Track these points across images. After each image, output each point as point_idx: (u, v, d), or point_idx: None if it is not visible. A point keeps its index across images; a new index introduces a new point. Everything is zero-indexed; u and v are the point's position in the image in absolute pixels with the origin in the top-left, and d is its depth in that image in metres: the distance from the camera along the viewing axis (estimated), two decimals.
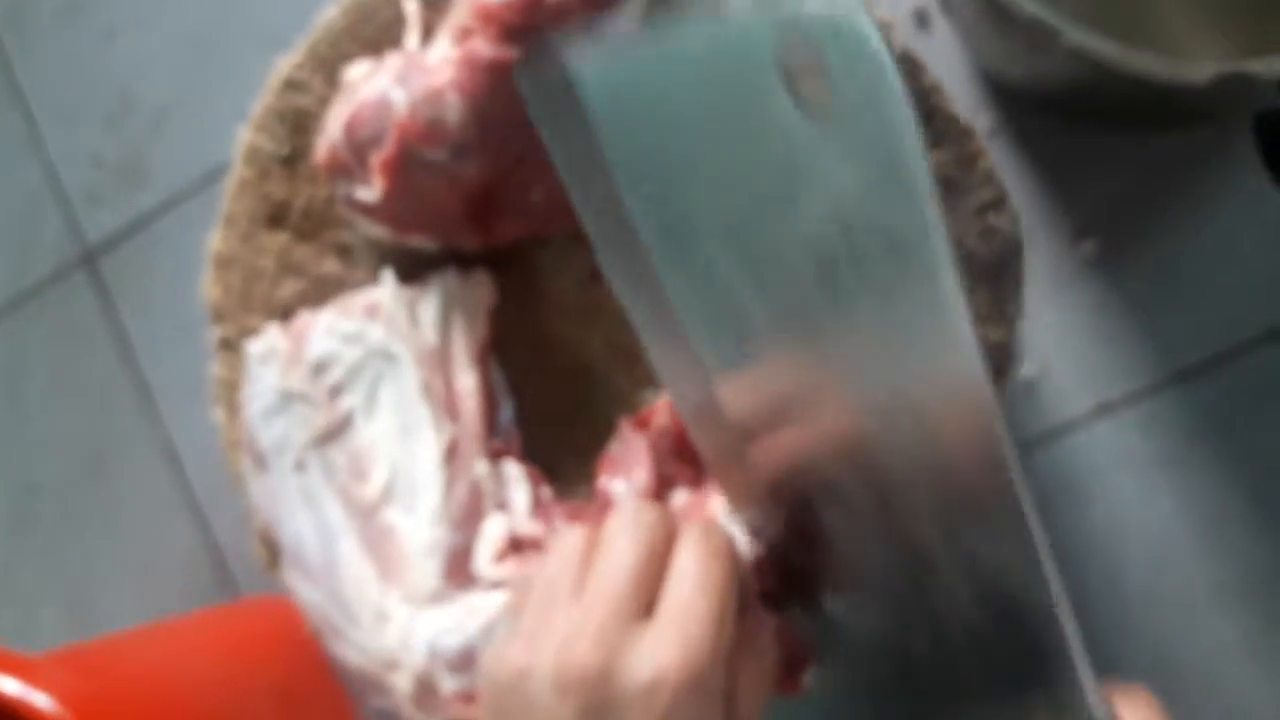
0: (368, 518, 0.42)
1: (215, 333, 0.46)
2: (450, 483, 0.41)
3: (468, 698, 0.39)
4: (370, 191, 0.42)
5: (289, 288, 0.46)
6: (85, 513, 0.78)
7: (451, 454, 0.41)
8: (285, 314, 0.46)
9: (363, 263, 0.46)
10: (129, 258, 0.77)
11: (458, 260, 0.44)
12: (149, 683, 0.59)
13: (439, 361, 0.42)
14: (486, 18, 0.38)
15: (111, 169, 0.78)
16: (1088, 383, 0.63)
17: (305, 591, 0.43)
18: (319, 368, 0.42)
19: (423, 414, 0.41)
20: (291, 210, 0.46)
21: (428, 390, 0.42)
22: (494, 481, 0.42)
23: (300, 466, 0.42)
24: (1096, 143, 0.62)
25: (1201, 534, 0.62)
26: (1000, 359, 0.42)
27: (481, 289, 0.44)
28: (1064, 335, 0.63)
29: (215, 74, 0.76)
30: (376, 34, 0.45)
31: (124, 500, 0.77)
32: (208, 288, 0.46)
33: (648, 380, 0.44)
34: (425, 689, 0.39)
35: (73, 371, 0.78)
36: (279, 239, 0.46)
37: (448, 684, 0.39)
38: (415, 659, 0.40)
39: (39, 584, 0.79)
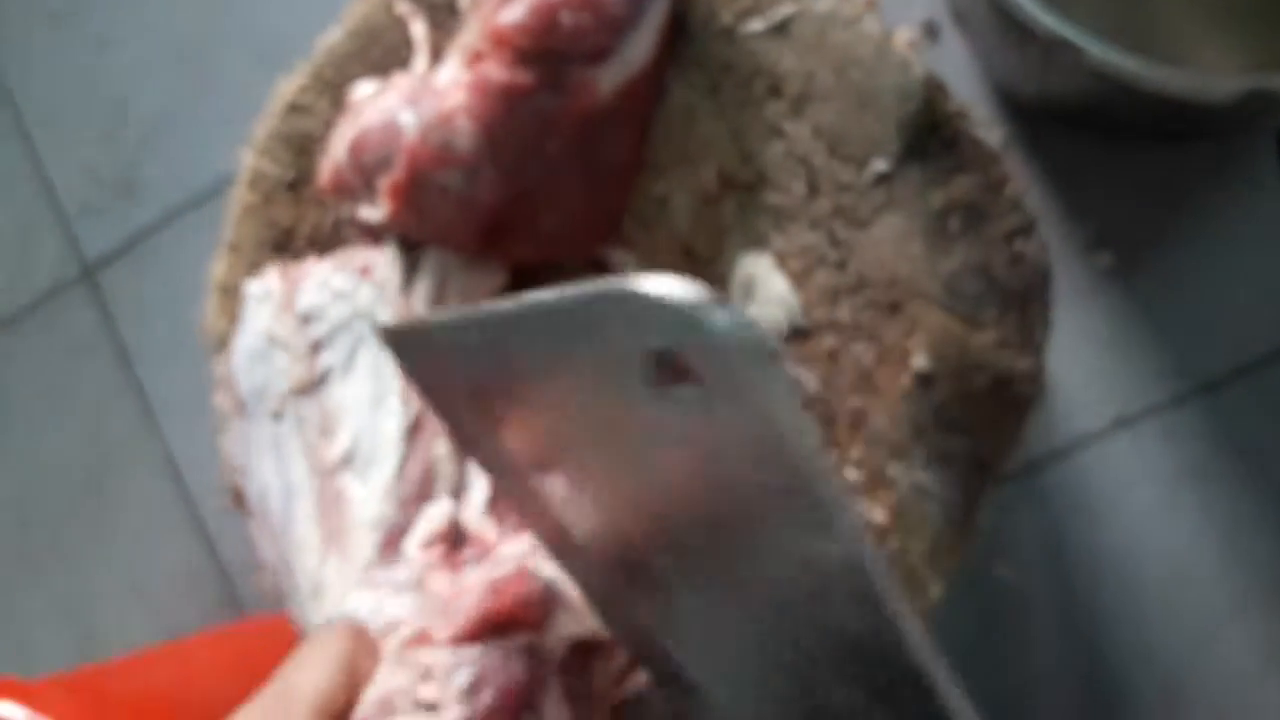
0: (325, 479, 0.40)
1: (219, 364, 0.45)
2: (407, 459, 0.40)
3: None
4: (375, 213, 0.41)
5: None
6: (84, 532, 0.77)
7: (415, 431, 0.40)
8: None
9: None
10: (128, 271, 0.77)
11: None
12: (155, 706, 0.59)
13: None
14: (500, 41, 0.37)
15: (107, 182, 0.77)
16: (1105, 397, 0.63)
17: (264, 548, 0.42)
18: (305, 319, 0.41)
19: (394, 385, 0.40)
20: (297, 236, 0.45)
21: None
22: (453, 466, 0.40)
23: (277, 416, 0.41)
24: (1111, 154, 0.62)
25: (1221, 550, 0.61)
26: (1028, 388, 0.41)
27: (488, 275, 0.42)
28: (1080, 348, 0.63)
29: (209, 85, 0.75)
30: (382, 56, 0.44)
31: (125, 519, 0.76)
32: (212, 318, 0.45)
33: None
34: None
35: (72, 388, 0.78)
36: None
37: None
38: None
39: (36, 605, 0.78)
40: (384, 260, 0.41)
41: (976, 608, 0.63)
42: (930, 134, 0.40)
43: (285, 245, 0.45)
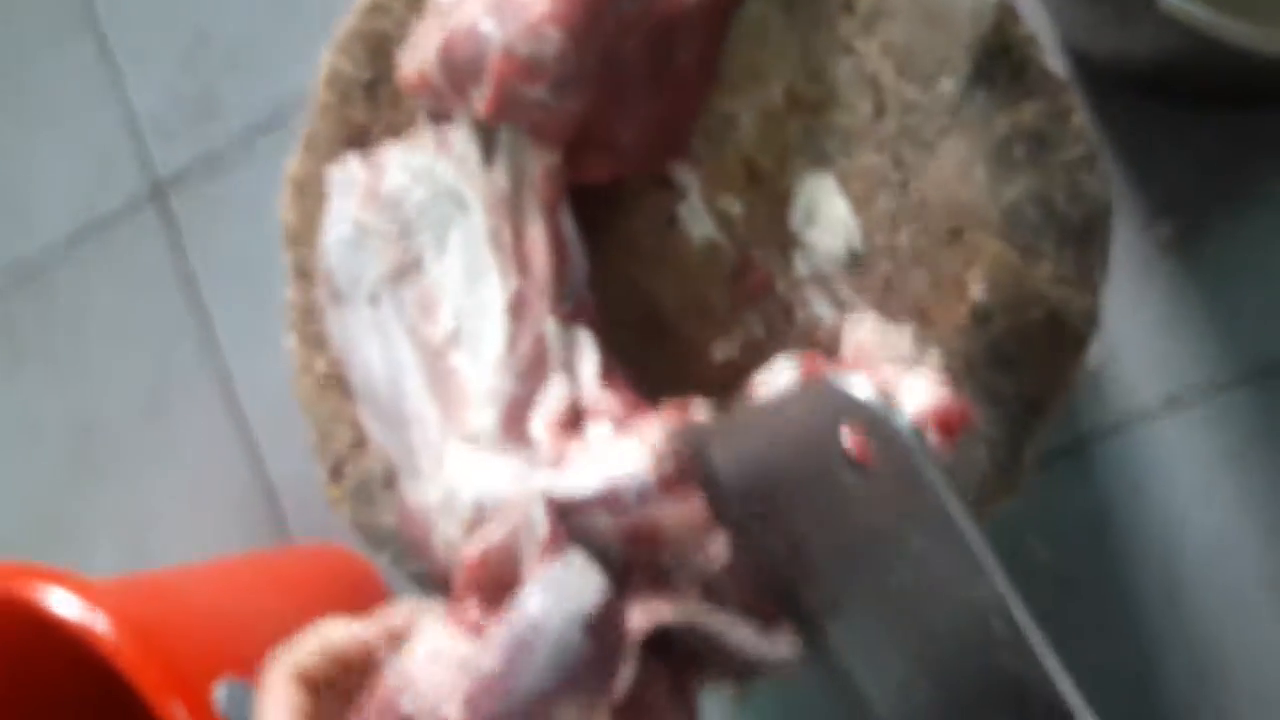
0: (435, 358, 0.41)
1: (289, 257, 0.46)
2: (515, 335, 0.40)
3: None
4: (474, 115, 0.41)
5: None
6: (142, 449, 0.79)
7: (518, 306, 0.40)
8: None
9: None
10: (198, 193, 0.78)
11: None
12: (202, 615, 0.60)
13: (509, 209, 0.41)
14: None
15: (185, 104, 0.78)
16: (1157, 373, 0.62)
17: (374, 429, 0.43)
18: (392, 203, 0.42)
19: (489, 261, 0.40)
20: (371, 136, 0.46)
21: (496, 238, 0.40)
22: (562, 343, 0.40)
23: (373, 300, 0.42)
24: (1179, 123, 0.61)
25: (1262, 536, 0.60)
26: (1084, 326, 0.41)
27: (547, 153, 0.42)
28: (1135, 322, 0.62)
29: (289, 13, 0.76)
30: None
31: (181, 437, 0.78)
32: (284, 211, 0.46)
33: (718, 332, 0.44)
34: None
35: (137, 306, 0.79)
36: None
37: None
38: (462, 506, 0.39)
39: (94, 518, 0.80)
40: (460, 136, 0.41)
41: (1014, 582, 0.63)
42: (999, 58, 0.40)
43: (360, 144, 0.46)
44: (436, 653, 0.36)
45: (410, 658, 0.36)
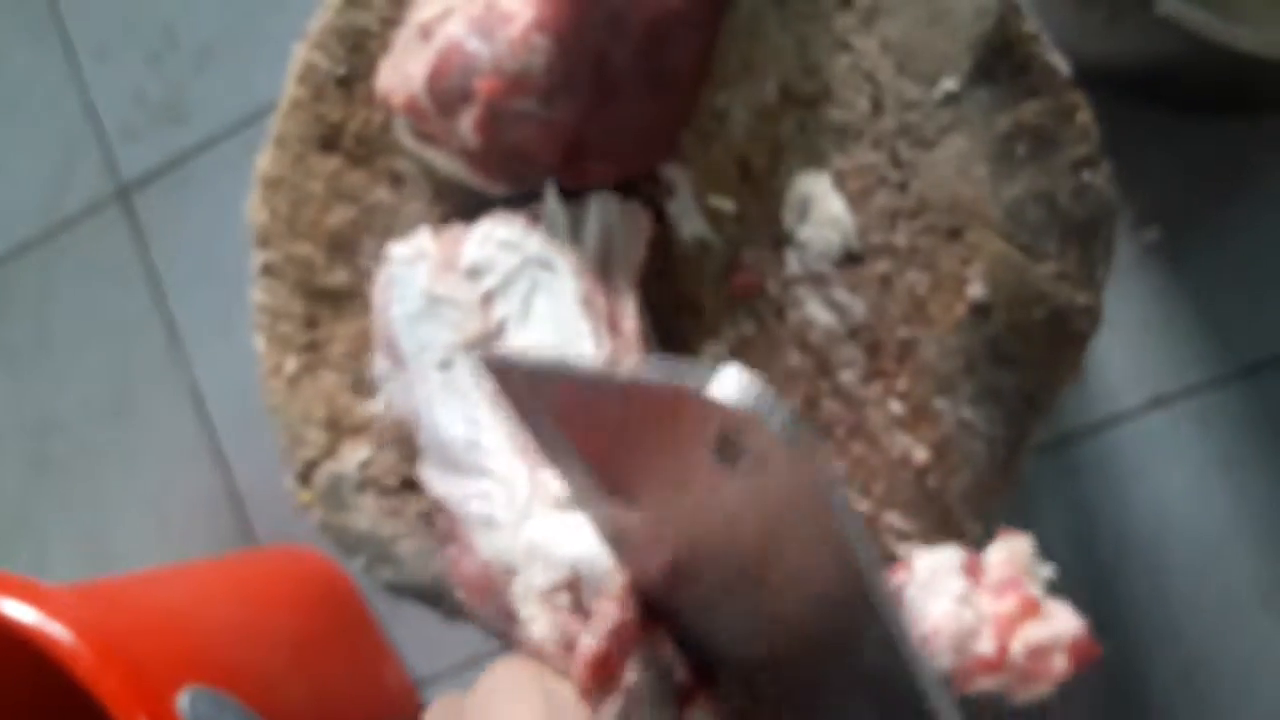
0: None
1: (259, 257, 0.45)
2: None
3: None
4: (462, 141, 0.40)
5: (339, 214, 0.44)
6: (105, 452, 0.77)
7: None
8: (334, 241, 0.45)
9: (415, 193, 0.44)
10: (164, 196, 0.76)
11: (617, 188, 0.42)
12: (165, 622, 0.59)
13: (599, 277, 0.40)
14: None
15: (151, 105, 0.77)
16: (1143, 374, 0.62)
17: (442, 487, 0.42)
18: (472, 274, 0.40)
19: (582, 327, 0.39)
20: (345, 134, 0.44)
21: (589, 303, 0.40)
22: None
23: (445, 365, 0.41)
24: (1168, 126, 0.61)
25: (1251, 536, 0.60)
26: (1086, 324, 0.40)
27: (640, 217, 0.42)
28: (1121, 323, 0.62)
29: (261, 14, 0.75)
30: None
31: (145, 441, 0.76)
32: (254, 210, 0.45)
33: (708, 332, 0.43)
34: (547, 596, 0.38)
35: (101, 308, 0.77)
36: (331, 163, 0.44)
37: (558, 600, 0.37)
38: (557, 561, 0.38)
39: (53, 521, 0.78)
40: (550, 206, 0.41)
41: None
42: (1002, 55, 0.39)
43: (333, 142, 0.44)
44: None
45: None
